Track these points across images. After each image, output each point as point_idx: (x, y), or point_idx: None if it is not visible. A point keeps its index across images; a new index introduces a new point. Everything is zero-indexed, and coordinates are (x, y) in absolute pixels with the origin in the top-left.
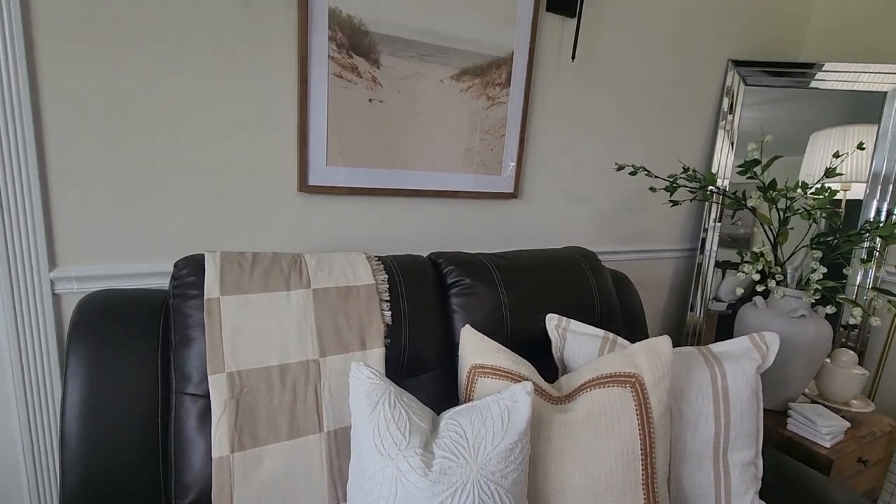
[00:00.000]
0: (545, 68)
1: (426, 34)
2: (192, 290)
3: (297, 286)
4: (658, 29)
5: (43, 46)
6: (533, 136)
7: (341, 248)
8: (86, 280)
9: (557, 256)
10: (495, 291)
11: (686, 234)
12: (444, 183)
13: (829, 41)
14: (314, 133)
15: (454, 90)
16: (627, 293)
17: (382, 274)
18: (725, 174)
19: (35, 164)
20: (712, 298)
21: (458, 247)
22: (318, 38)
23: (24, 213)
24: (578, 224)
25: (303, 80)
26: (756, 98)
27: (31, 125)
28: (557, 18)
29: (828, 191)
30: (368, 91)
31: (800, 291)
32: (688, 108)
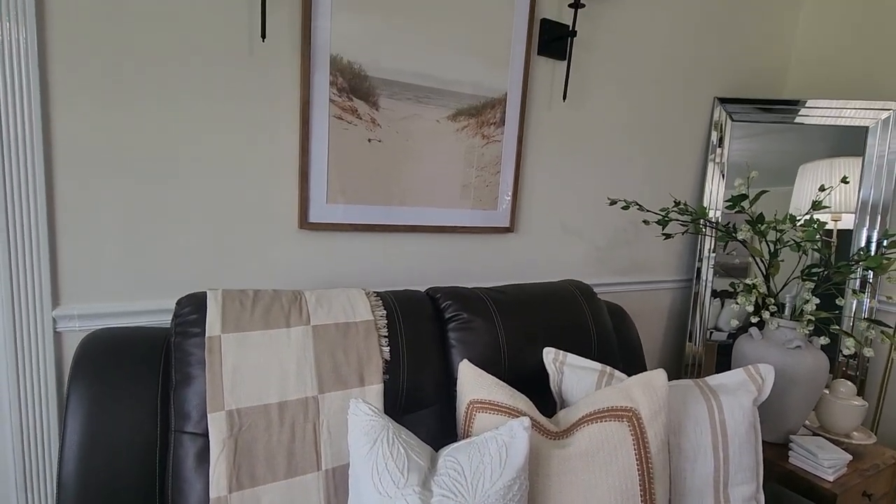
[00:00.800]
0: (538, 108)
1: (423, 78)
2: (194, 328)
3: (297, 323)
4: (645, 68)
5: (57, 91)
6: (528, 172)
7: (341, 283)
8: (88, 318)
9: (554, 290)
10: (493, 326)
11: (682, 264)
12: (441, 218)
13: (810, 78)
14: (315, 172)
15: (450, 130)
16: (624, 325)
17: (381, 310)
18: (717, 205)
19: (44, 204)
20: (712, 328)
21: (456, 281)
22: (320, 84)
23: (30, 252)
24: (574, 257)
25: (304, 122)
26: (744, 131)
27: (41, 165)
28: (548, 61)
29: (816, 223)
30: (368, 132)
31: (794, 322)
32: (678, 142)
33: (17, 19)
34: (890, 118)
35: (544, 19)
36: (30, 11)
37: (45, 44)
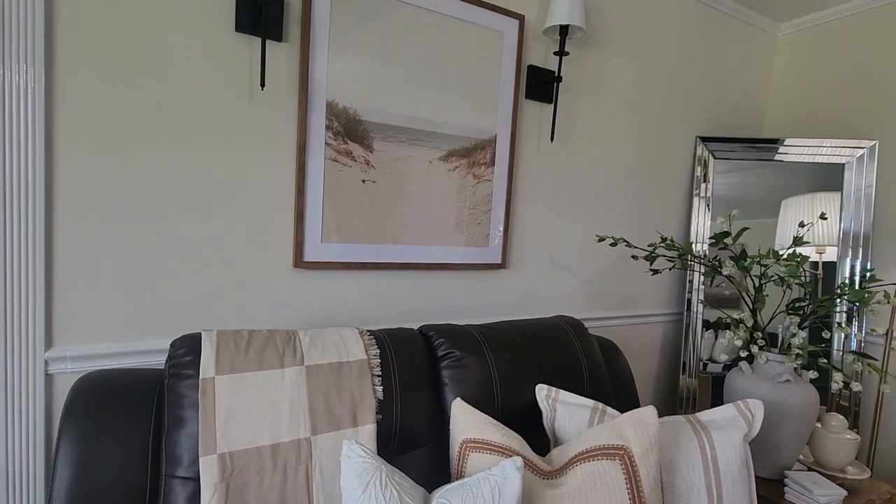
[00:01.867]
0: (527, 148)
1: (415, 121)
2: (188, 370)
3: (291, 363)
4: (629, 109)
5: (62, 135)
6: (518, 209)
7: (336, 320)
8: (81, 359)
9: (545, 326)
10: (485, 363)
11: (672, 297)
12: (434, 256)
13: (787, 117)
14: (310, 212)
15: (442, 170)
16: (616, 360)
17: (374, 349)
18: (703, 238)
19: (42, 245)
20: (708, 359)
21: (449, 317)
22: (316, 128)
23: (27, 292)
24: (565, 292)
25: (301, 165)
26: (728, 166)
27: (42, 206)
28: (536, 104)
29: (798, 257)
30: (362, 173)
31: (783, 356)
32: (663, 179)
33: (26, 64)
34: (864, 155)
35: (531, 66)
36: (39, 57)
37: (53, 88)
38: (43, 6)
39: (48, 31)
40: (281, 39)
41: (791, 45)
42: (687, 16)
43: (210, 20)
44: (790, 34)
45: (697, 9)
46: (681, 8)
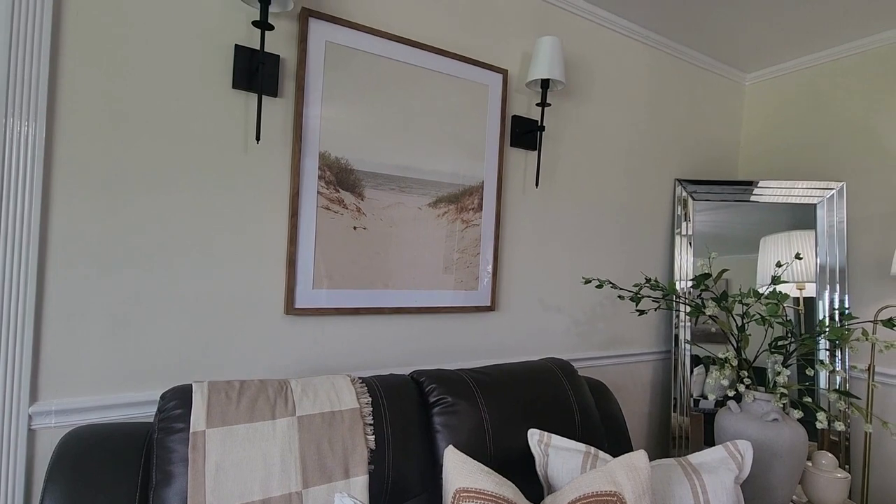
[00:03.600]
0: (513, 193)
1: (405, 169)
2: (178, 424)
3: (283, 414)
4: (609, 155)
5: (58, 185)
6: (506, 252)
7: (327, 366)
8: (66, 413)
9: (535, 369)
10: (477, 408)
11: (660, 335)
12: (424, 299)
13: (759, 160)
14: (302, 260)
15: (431, 216)
16: (606, 401)
17: (366, 397)
18: (687, 275)
19: (34, 294)
20: (700, 395)
21: (440, 359)
22: (309, 178)
23: (14, 344)
24: (554, 332)
25: (293, 213)
26: (707, 204)
27: (36, 256)
28: (521, 152)
29: (778, 296)
30: (353, 220)
31: (769, 395)
32: (645, 219)
33: (28, 115)
34: (834, 196)
35: (515, 116)
36: (41, 109)
37: (53, 141)
38: (48, 64)
39: (51, 86)
40: (276, 95)
41: (758, 93)
42: (660, 68)
43: (208, 78)
44: (756, 83)
45: (669, 61)
46: (653, 61)
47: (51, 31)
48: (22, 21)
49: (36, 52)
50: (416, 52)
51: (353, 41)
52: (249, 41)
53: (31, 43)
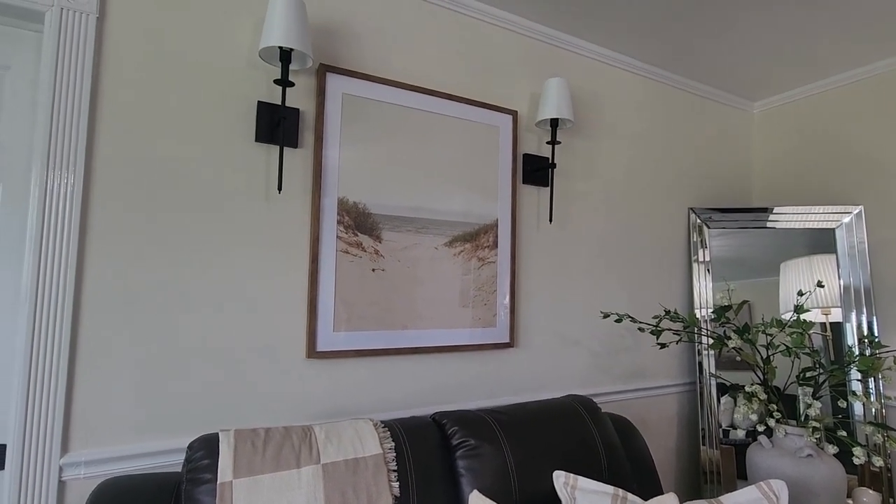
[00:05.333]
0: (527, 230)
1: (421, 211)
2: (205, 474)
3: (308, 462)
4: (622, 188)
5: (94, 235)
6: (523, 288)
7: (349, 407)
8: (95, 464)
9: (557, 408)
10: (500, 450)
11: (683, 366)
12: (443, 339)
13: (774, 186)
14: (323, 303)
15: (448, 255)
16: (632, 439)
17: (389, 442)
18: (707, 303)
19: (67, 347)
20: (728, 426)
21: (460, 398)
22: (328, 223)
23: (48, 398)
24: (575, 367)
25: (314, 258)
26: (723, 231)
27: (70, 307)
28: (533, 189)
29: (803, 324)
30: (372, 262)
31: (801, 429)
32: (661, 250)
33: (68, 166)
34: (852, 220)
35: (526, 154)
36: (80, 160)
37: (89, 192)
38: (86, 122)
39: (89, 142)
40: (296, 146)
41: (767, 121)
42: (667, 101)
43: (232, 133)
44: (764, 111)
45: (676, 94)
46: (660, 94)
47: (90, 92)
48: (63, 83)
49: (76, 111)
50: (427, 99)
51: (368, 92)
52: (271, 97)
53: (71, 103)
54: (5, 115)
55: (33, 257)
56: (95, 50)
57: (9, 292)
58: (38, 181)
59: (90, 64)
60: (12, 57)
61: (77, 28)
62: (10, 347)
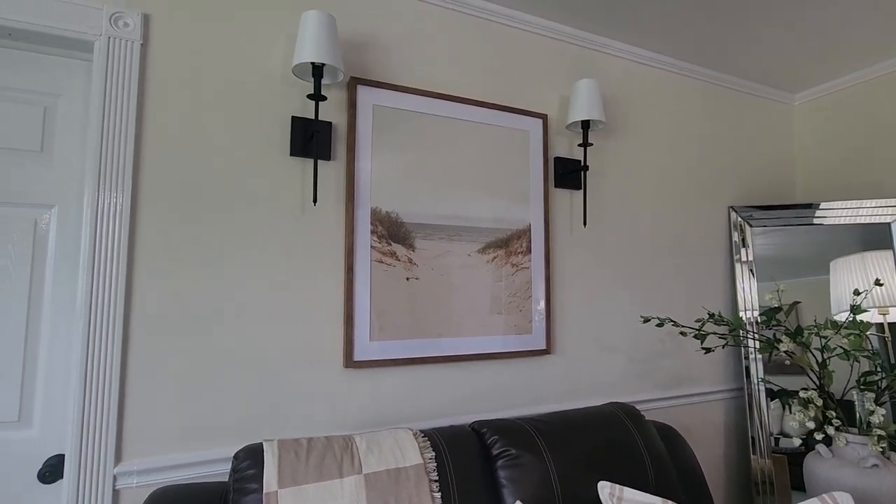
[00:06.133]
0: (561, 234)
1: (453, 218)
2: (252, 484)
3: (350, 472)
4: (658, 188)
5: (141, 252)
6: (558, 294)
7: (387, 416)
8: (146, 473)
9: (599, 416)
10: (542, 460)
11: (729, 370)
12: (478, 346)
13: (819, 181)
14: (359, 313)
15: (481, 262)
16: (678, 448)
17: (429, 451)
18: (752, 305)
19: (119, 361)
20: (779, 433)
21: (498, 407)
22: (362, 233)
23: (102, 407)
24: (614, 373)
25: (349, 268)
26: (766, 229)
27: (121, 322)
28: (566, 192)
29: (860, 325)
30: (405, 271)
31: (864, 437)
32: (701, 250)
33: (116, 186)
34: None
35: (557, 157)
36: (127, 181)
37: (136, 210)
38: (133, 144)
39: (135, 163)
40: (329, 158)
41: (809, 113)
42: (703, 97)
43: (268, 149)
44: (806, 103)
45: (712, 90)
46: (695, 91)
47: (135, 115)
48: (111, 108)
49: (123, 133)
50: (456, 107)
51: (398, 102)
52: (304, 112)
53: (119, 126)
54: (59, 140)
55: (87, 274)
56: (140, 75)
57: (65, 309)
58: (90, 201)
59: (135, 88)
60: (64, 85)
61: (123, 55)
62: (67, 362)
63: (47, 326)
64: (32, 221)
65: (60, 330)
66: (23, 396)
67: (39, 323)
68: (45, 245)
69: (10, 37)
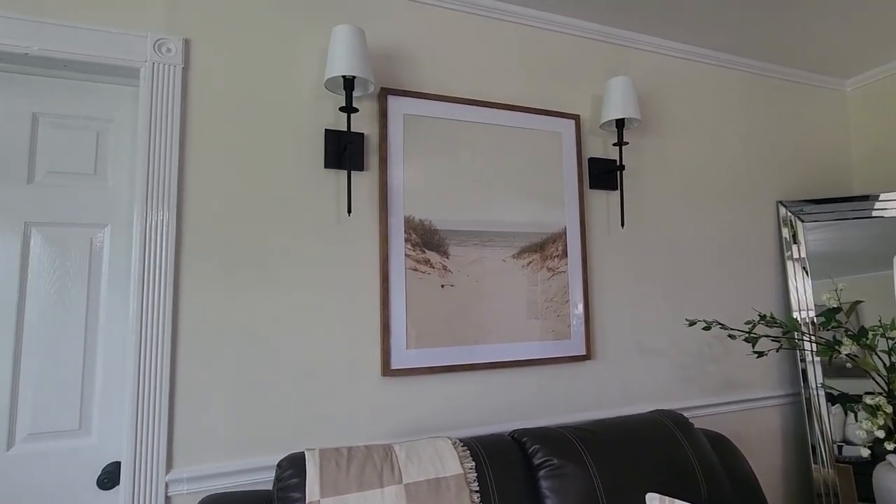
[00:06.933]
0: (598, 236)
1: (486, 224)
2: (294, 493)
3: (390, 482)
4: (700, 185)
5: (186, 267)
6: (597, 297)
7: (425, 424)
8: (196, 480)
9: (644, 424)
10: (586, 470)
11: (784, 374)
12: (515, 353)
13: (878, 170)
14: (395, 322)
15: (516, 267)
16: (731, 457)
17: (469, 461)
18: (807, 305)
19: (168, 373)
20: (842, 441)
21: (537, 414)
22: (396, 242)
23: (153, 418)
24: (659, 379)
25: (384, 277)
26: (818, 224)
27: (170, 336)
28: (601, 193)
29: None
30: (440, 278)
31: None
32: (747, 249)
33: (163, 204)
34: None
35: (591, 158)
36: (172, 199)
37: (182, 226)
38: (178, 162)
39: (180, 181)
40: (362, 169)
41: (863, 99)
42: (745, 89)
43: (303, 162)
44: (859, 88)
45: (755, 80)
46: (737, 83)
47: (179, 135)
48: (157, 129)
49: (168, 153)
50: (486, 112)
51: (428, 110)
52: (337, 124)
53: (164, 146)
54: (111, 162)
55: (137, 289)
56: (182, 97)
57: (119, 322)
58: (139, 220)
59: (178, 110)
60: (115, 111)
61: (166, 79)
62: (121, 373)
63: (103, 339)
64: (88, 240)
65: (115, 342)
66: (82, 406)
67: (96, 336)
68: (99, 262)
69: (66, 68)
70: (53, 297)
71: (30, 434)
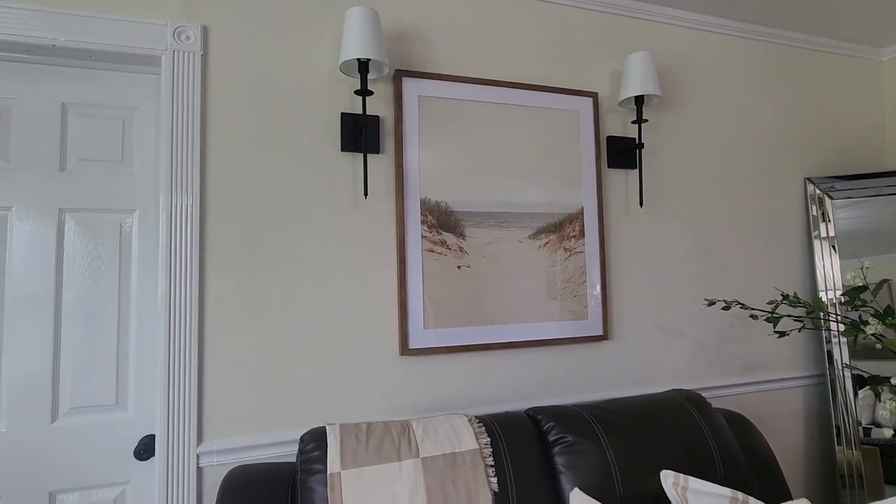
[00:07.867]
0: (616, 216)
1: (502, 205)
2: (317, 465)
3: (407, 455)
4: (721, 164)
5: (210, 250)
6: (615, 277)
7: (442, 402)
8: (225, 453)
9: (660, 403)
10: (600, 447)
11: (809, 355)
12: (532, 333)
13: None
14: (412, 302)
15: (533, 247)
16: (750, 437)
17: (485, 437)
18: (835, 284)
19: (196, 351)
20: (869, 423)
21: (553, 393)
22: (413, 224)
23: (184, 394)
24: (677, 360)
25: (401, 259)
26: (849, 201)
27: (196, 317)
28: (620, 172)
29: None
30: (456, 259)
31: None
32: (772, 227)
33: (187, 189)
34: None
35: (610, 136)
36: (195, 184)
37: (205, 210)
38: (199, 147)
39: (202, 167)
40: (378, 151)
41: None
42: (771, 61)
43: (320, 145)
44: None
45: (782, 52)
46: (762, 55)
47: (200, 121)
48: (179, 115)
49: (190, 138)
50: (502, 91)
51: (443, 91)
52: (353, 107)
53: (186, 132)
54: (137, 149)
55: (165, 271)
56: (202, 83)
57: (149, 303)
58: (164, 204)
59: (198, 96)
60: (139, 99)
61: (186, 66)
62: (153, 351)
63: (135, 319)
64: (118, 225)
65: (146, 321)
66: (118, 382)
67: (129, 316)
68: (129, 246)
69: (91, 58)
70: (88, 280)
71: (71, 408)
